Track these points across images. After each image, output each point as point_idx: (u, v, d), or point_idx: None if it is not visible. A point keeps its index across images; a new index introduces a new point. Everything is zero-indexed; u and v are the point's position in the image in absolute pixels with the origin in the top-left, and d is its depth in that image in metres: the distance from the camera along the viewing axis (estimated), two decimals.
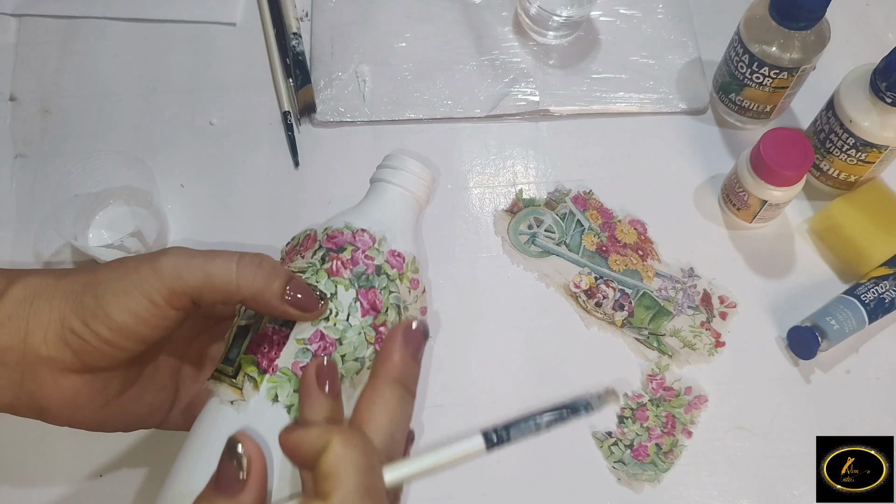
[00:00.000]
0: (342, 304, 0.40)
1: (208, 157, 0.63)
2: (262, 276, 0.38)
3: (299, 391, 0.36)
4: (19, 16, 0.68)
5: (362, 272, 0.41)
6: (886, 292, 0.56)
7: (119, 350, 0.38)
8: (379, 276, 0.41)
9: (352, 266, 0.41)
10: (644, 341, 0.58)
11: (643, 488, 0.53)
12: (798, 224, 0.63)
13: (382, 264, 0.41)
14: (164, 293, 0.37)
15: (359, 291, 0.40)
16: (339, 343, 0.39)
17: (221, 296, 0.38)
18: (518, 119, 0.66)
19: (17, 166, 0.62)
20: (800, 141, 0.56)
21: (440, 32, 0.68)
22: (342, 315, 0.40)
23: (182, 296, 0.38)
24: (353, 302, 0.40)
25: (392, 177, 0.45)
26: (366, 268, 0.41)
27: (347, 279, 0.40)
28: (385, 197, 0.45)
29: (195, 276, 0.37)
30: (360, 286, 0.40)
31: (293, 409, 0.38)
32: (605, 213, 0.62)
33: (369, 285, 0.41)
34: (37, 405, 0.38)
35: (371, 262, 0.41)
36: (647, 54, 0.68)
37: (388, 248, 0.42)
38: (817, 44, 0.57)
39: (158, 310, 0.37)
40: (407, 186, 0.45)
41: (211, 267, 0.38)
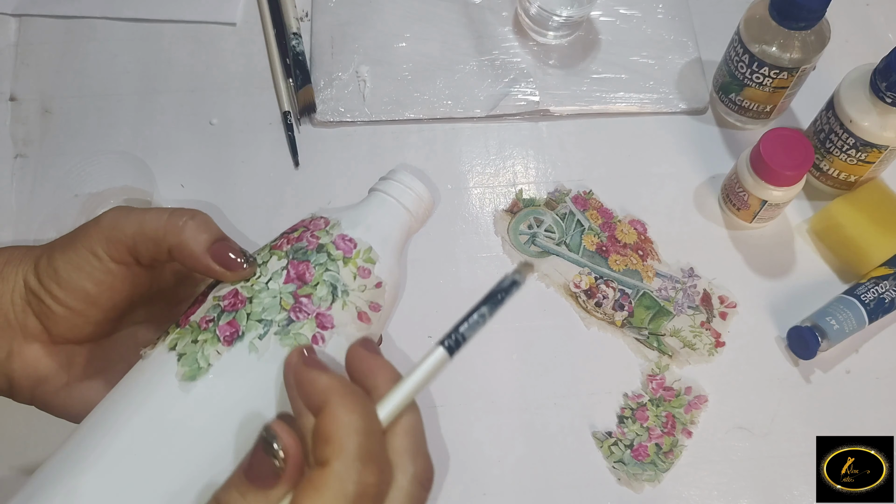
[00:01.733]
0: (268, 270, 0.39)
1: (208, 157, 0.63)
2: (191, 227, 0.38)
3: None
4: (19, 16, 0.68)
5: (302, 247, 0.40)
6: (886, 292, 0.56)
7: (72, 313, 0.38)
8: (318, 252, 0.40)
9: (294, 241, 0.40)
10: (644, 341, 0.58)
11: (643, 488, 0.53)
12: (798, 224, 0.63)
13: (327, 244, 0.40)
14: (103, 244, 0.38)
15: (290, 262, 0.39)
16: (249, 301, 0.38)
17: (152, 245, 0.38)
18: (518, 119, 0.66)
19: (17, 166, 0.62)
20: (800, 141, 0.56)
21: (440, 32, 0.68)
22: (264, 279, 0.39)
23: (119, 245, 0.38)
24: (281, 270, 0.39)
25: (393, 190, 0.43)
26: (307, 244, 0.40)
27: (284, 251, 0.40)
28: (379, 206, 0.43)
29: (130, 225, 0.38)
30: (294, 258, 0.39)
31: (183, 358, 0.36)
32: (605, 213, 0.62)
33: (304, 258, 0.39)
34: (4, 374, 0.39)
35: (315, 240, 0.40)
36: (647, 54, 0.68)
37: (338, 231, 0.41)
38: (817, 44, 0.57)
39: (100, 262, 0.38)
40: (406, 204, 0.43)
41: (145, 215, 0.38)
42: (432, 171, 0.63)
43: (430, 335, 0.57)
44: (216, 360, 0.36)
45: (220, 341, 0.36)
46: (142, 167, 0.57)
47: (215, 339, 0.37)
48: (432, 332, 0.57)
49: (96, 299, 0.38)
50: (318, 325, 0.37)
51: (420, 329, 0.57)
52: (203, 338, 0.37)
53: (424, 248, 0.60)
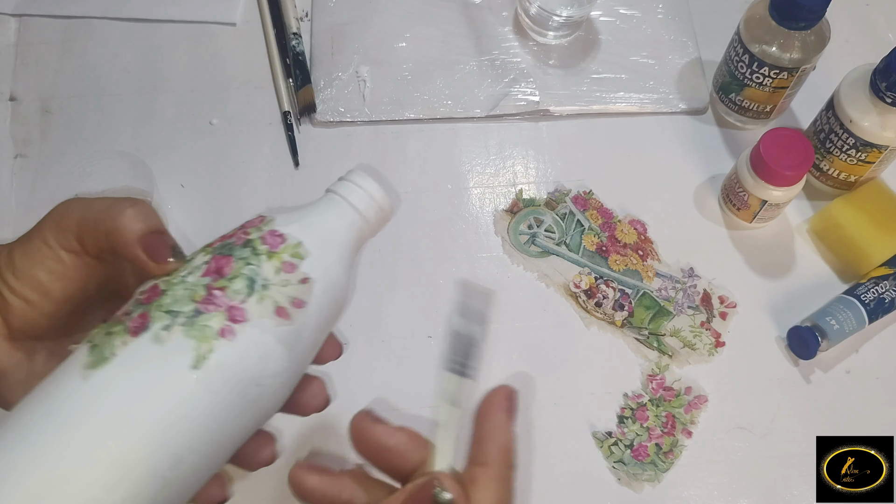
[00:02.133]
0: (190, 266, 0.38)
1: (208, 157, 0.63)
2: (130, 213, 0.38)
3: None
4: (19, 16, 0.68)
5: (229, 243, 0.39)
6: (886, 292, 0.56)
7: (27, 304, 0.38)
8: (244, 247, 0.39)
9: (225, 239, 0.39)
10: (644, 341, 0.58)
11: (643, 488, 0.53)
12: (798, 224, 0.63)
13: (255, 239, 0.39)
14: (53, 231, 0.38)
15: (214, 257, 0.38)
16: (164, 294, 0.37)
17: (93, 230, 0.38)
18: (518, 119, 0.66)
19: (17, 166, 0.62)
20: (800, 141, 0.56)
21: (440, 32, 0.68)
22: (183, 273, 0.38)
23: (66, 232, 0.38)
24: (202, 264, 0.38)
25: (342, 189, 0.42)
26: (236, 240, 0.39)
27: (212, 248, 0.39)
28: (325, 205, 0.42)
29: (76, 211, 0.38)
30: (218, 253, 0.38)
31: (93, 349, 0.36)
32: (605, 213, 0.62)
33: (228, 253, 0.38)
34: None
35: (245, 236, 0.39)
36: (647, 54, 0.68)
37: (270, 227, 0.40)
38: (817, 44, 0.57)
39: (50, 250, 0.38)
40: (355, 204, 0.42)
41: (91, 202, 0.39)
42: (432, 171, 0.63)
43: (430, 335, 0.57)
44: (121, 350, 0.35)
45: (127, 332, 0.36)
46: (142, 167, 0.57)
47: (124, 330, 0.36)
48: (432, 332, 0.57)
49: (49, 289, 0.38)
50: (228, 317, 0.36)
51: (420, 329, 0.57)
52: (115, 330, 0.36)
53: (424, 248, 0.60)
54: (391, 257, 0.60)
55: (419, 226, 0.61)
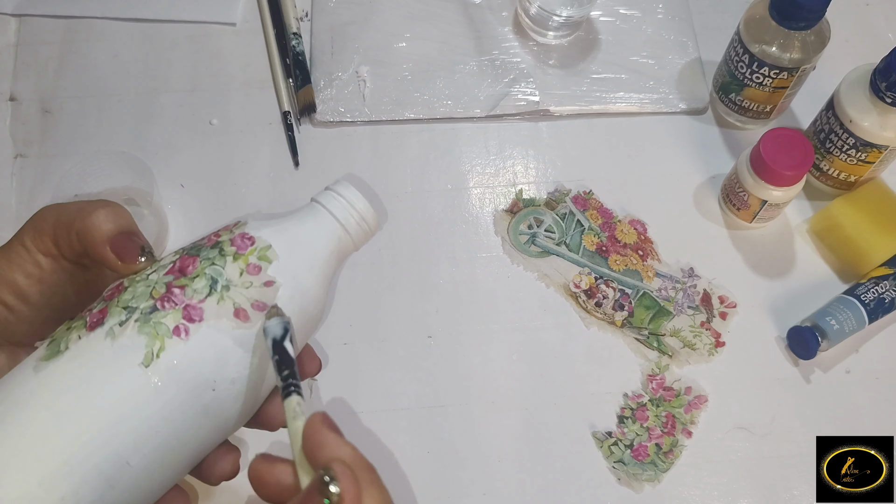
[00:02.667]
0: (157, 265, 0.38)
1: (208, 157, 0.63)
2: (101, 214, 0.38)
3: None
4: (19, 16, 0.68)
5: (199, 244, 0.38)
6: (886, 292, 0.56)
7: (7, 309, 0.38)
8: (212, 248, 0.38)
9: (199, 243, 0.39)
10: (644, 341, 0.58)
11: (643, 488, 0.53)
12: (798, 224, 0.63)
13: (224, 241, 0.38)
14: (30, 234, 0.38)
15: (181, 257, 0.38)
16: (124, 289, 0.37)
17: (66, 232, 0.38)
18: (518, 119, 0.66)
19: (17, 166, 0.62)
20: (800, 141, 0.56)
21: (440, 32, 0.68)
22: (149, 271, 0.38)
23: (42, 234, 0.38)
24: (168, 263, 0.38)
25: (324, 198, 0.41)
26: (206, 242, 0.39)
27: (183, 249, 0.38)
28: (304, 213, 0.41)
29: (51, 213, 0.38)
30: (187, 253, 0.38)
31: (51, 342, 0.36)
32: (605, 213, 0.62)
33: (195, 254, 0.38)
34: None
35: (216, 238, 0.39)
36: (647, 54, 0.68)
37: (241, 230, 0.39)
38: (817, 44, 0.57)
39: (28, 254, 0.38)
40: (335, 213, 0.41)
41: (66, 205, 0.39)
42: (432, 171, 0.63)
43: (430, 335, 0.57)
44: (74, 343, 0.35)
45: (85, 327, 0.36)
46: (142, 167, 0.57)
47: (82, 325, 0.36)
48: (432, 332, 0.57)
49: (27, 294, 0.38)
50: (183, 316, 0.36)
51: (420, 329, 0.57)
52: (75, 325, 0.36)
53: (425, 249, 0.60)
54: (391, 257, 0.60)
55: (419, 226, 0.61)
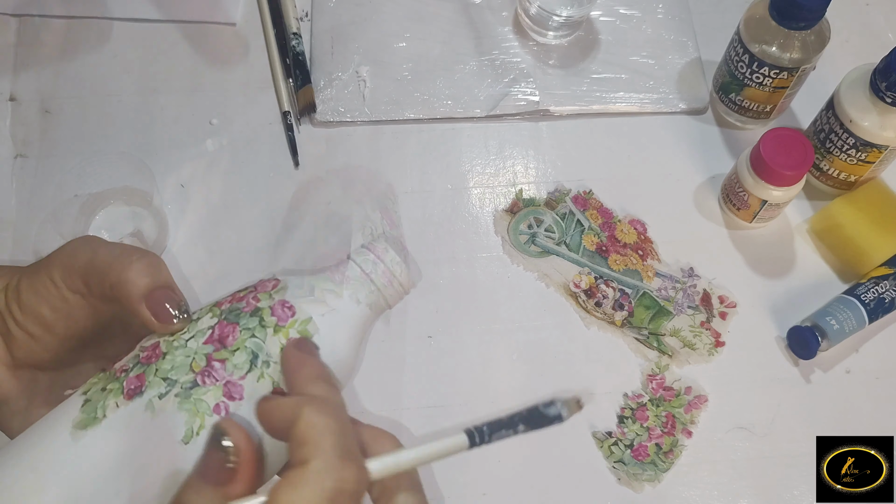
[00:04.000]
0: (195, 328, 0.37)
1: (208, 157, 0.63)
2: (136, 267, 0.37)
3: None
4: (19, 16, 0.68)
5: (238, 308, 0.38)
6: (886, 292, 0.56)
7: (30, 337, 0.38)
8: (252, 316, 0.37)
9: (235, 302, 0.38)
10: (644, 341, 0.58)
11: (643, 488, 0.53)
12: (798, 224, 0.63)
13: (264, 308, 0.37)
14: (59, 270, 0.38)
15: (220, 322, 0.37)
16: (163, 357, 0.36)
17: (98, 278, 0.37)
18: (518, 119, 0.66)
19: (17, 166, 0.62)
20: (800, 141, 0.56)
21: (440, 32, 0.68)
22: (187, 336, 0.37)
23: (73, 273, 0.38)
24: (207, 329, 0.37)
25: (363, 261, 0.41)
26: (245, 306, 0.38)
27: (221, 310, 0.38)
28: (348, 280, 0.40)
29: (84, 254, 0.38)
30: (225, 318, 0.37)
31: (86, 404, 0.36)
32: (604, 212, 0.62)
33: (234, 320, 0.37)
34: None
35: (255, 303, 0.38)
36: (647, 54, 0.68)
37: (281, 297, 0.38)
38: (817, 44, 0.57)
39: (56, 289, 0.38)
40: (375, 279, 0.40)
41: (100, 247, 0.38)
42: (432, 171, 0.63)
43: (430, 335, 0.57)
44: (112, 412, 0.35)
45: (122, 393, 0.35)
46: (142, 167, 0.57)
47: (119, 391, 0.35)
48: (432, 332, 0.57)
49: (53, 326, 0.38)
50: (224, 393, 0.35)
51: (420, 329, 0.57)
52: (111, 387, 0.36)
53: (424, 249, 0.60)
54: None
55: (419, 225, 0.61)
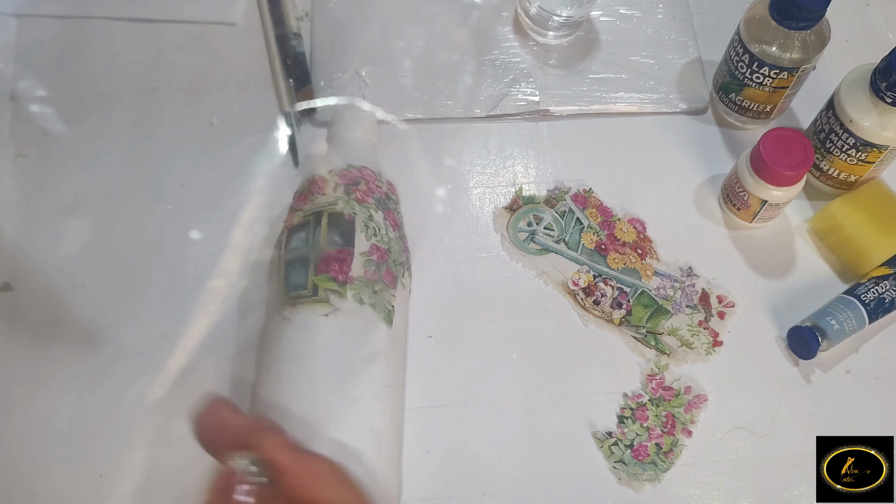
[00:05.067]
0: (380, 223, 0.50)
1: (208, 157, 0.63)
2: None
3: None
4: (19, 16, 0.68)
5: (380, 198, 0.51)
6: (886, 292, 0.56)
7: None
8: (388, 200, 0.52)
9: (371, 194, 0.50)
10: (641, 339, 0.58)
11: (643, 488, 0.53)
12: (798, 224, 0.63)
13: (387, 191, 0.53)
14: None
15: (384, 212, 0.50)
16: (389, 251, 0.49)
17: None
18: (518, 119, 0.66)
19: (17, 166, 0.62)
20: (800, 141, 0.56)
21: (440, 32, 0.68)
22: (382, 231, 0.49)
23: None
24: (384, 221, 0.50)
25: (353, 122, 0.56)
26: (379, 194, 0.51)
27: (374, 204, 0.50)
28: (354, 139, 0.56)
29: None
30: (382, 208, 0.51)
31: (376, 306, 0.47)
32: (604, 211, 0.62)
33: (386, 207, 0.51)
34: None
35: (380, 190, 0.52)
36: (647, 54, 0.68)
37: (385, 178, 0.53)
38: (817, 44, 0.57)
39: None
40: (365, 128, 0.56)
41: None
42: (432, 171, 0.63)
43: (431, 335, 0.57)
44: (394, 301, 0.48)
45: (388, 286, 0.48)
46: None
47: (386, 286, 0.48)
48: (432, 332, 0.57)
49: None
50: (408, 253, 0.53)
51: (421, 330, 0.57)
52: (378, 287, 0.47)
53: (424, 249, 0.60)
54: None
55: (419, 226, 0.61)
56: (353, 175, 0.51)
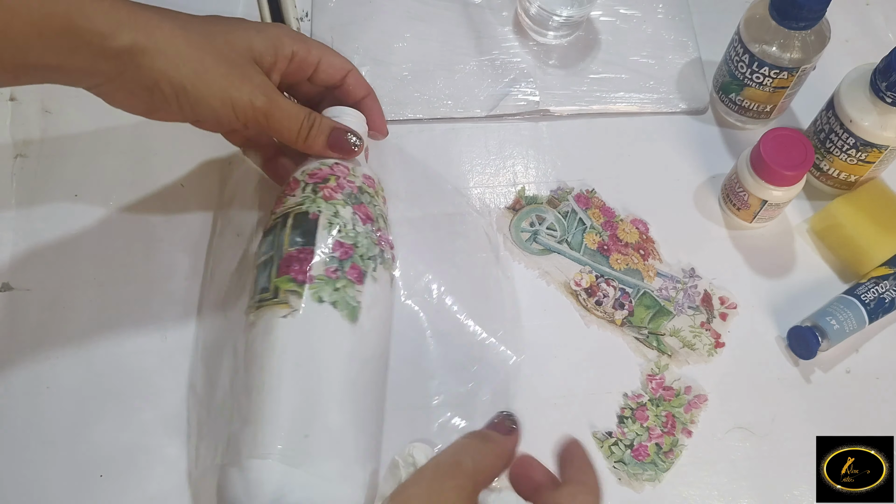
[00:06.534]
0: (346, 218, 0.49)
1: (208, 157, 0.63)
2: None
3: None
4: None
5: (350, 192, 0.50)
6: (886, 292, 0.56)
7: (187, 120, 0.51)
8: (362, 194, 0.51)
9: (341, 190, 0.50)
10: (643, 340, 0.58)
11: (643, 488, 0.53)
12: (798, 224, 0.63)
13: (362, 185, 0.52)
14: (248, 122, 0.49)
15: (354, 207, 0.50)
16: (355, 246, 0.48)
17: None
18: (518, 119, 0.66)
19: (17, 166, 0.62)
20: (800, 141, 0.56)
21: (440, 32, 0.68)
22: (349, 226, 0.49)
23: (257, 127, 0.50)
24: (353, 215, 0.49)
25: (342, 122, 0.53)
26: (351, 189, 0.50)
27: (342, 199, 0.49)
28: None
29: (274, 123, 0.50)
30: (352, 202, 0.50)
31: (337, 304, 0.46)
32: (607, 211, 0.62)
33: (358, 201, 0.50)
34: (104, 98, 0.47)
35: (353, 184, 0.51)
36: (647, 54, 0.68)
37: (361, 172, 0.52)
38: (817, 44, 0.57)
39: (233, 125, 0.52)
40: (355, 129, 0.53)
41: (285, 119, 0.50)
42: (432, 171, 0.63)
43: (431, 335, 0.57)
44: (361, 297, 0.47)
45: (353, 282, 0.47)
46: None
47: (350, 283, 0.47)
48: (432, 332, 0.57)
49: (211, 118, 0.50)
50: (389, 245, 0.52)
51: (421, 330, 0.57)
52: (339, 286, 0.47)
53: (424, 249, 0.60)
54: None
55: (419, 226, 0.61)
56: (322, 173, 0.51)
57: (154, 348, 0.55)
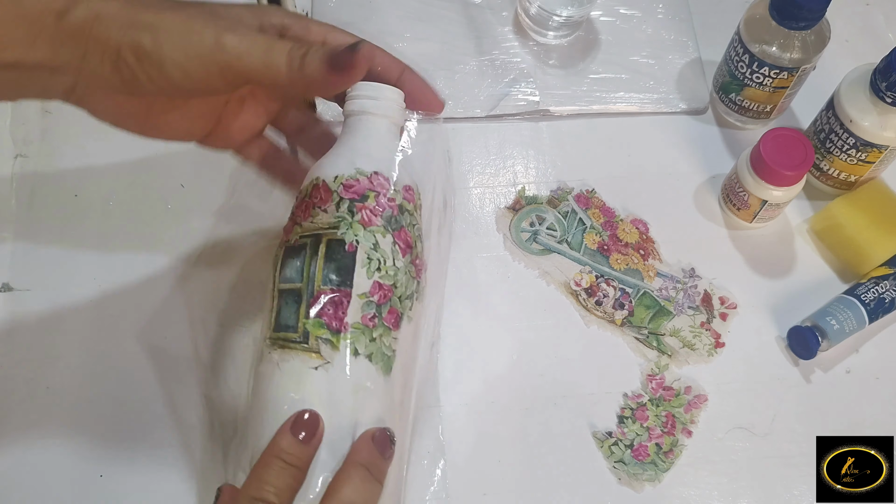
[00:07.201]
0: (386, 252, 0.42)
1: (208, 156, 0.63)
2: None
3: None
4: None
5: (390, 216, 0.43)
6: (886, 292, 0.56)
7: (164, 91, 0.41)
8: (402, 214, 0.44)
9: (380, 212, 0.43)
10: (643, 340, 0.58)
11: (643, 488, 0.53)
12: (798, 224, 0.63)
13: (402, 202, 0.44)
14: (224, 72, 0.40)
15: (394, 234, 0.43)
16: (395, 287, 0.43)
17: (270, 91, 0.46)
18: (518, 119, 0.66)
19: (17, 166, 0.62)
20: (800, 141, 0.56)
21: (440, 32, 0.68)
22: (389, 262, 0.42)
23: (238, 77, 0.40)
24: (393, 246, 0.43)
25: (375, 108, 0.45)
26: (391, 210, 0.43)
27: (382, 226, 0.43)
28: (374, 130, 0.45)
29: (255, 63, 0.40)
30: (393, 229, 0.43)
31: (373, 356, 0.41)
32: (607, 211, 0.62)
33: (399, 226, 0.43)
34: (85, 107, 0.44)
35: (393, 203, 0.43)
36: (647, 54, 0.68)
37: (401, 185, 0.44)
38: (817, 44, 0.57)
39: (210, 81, 0.40)
40: (390, 115, 0.45)
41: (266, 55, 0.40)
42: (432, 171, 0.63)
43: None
44: (396, 344, 0.43)
45: (390, 329, 0.42)
46: None
47: (387, 330, 0.42)
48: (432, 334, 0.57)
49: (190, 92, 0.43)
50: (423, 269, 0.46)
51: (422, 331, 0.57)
52: (377, 334, 0.42)
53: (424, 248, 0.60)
54: None
55: None
56: (360, 187, 0.43)
57: (154, 349, 0.55)
